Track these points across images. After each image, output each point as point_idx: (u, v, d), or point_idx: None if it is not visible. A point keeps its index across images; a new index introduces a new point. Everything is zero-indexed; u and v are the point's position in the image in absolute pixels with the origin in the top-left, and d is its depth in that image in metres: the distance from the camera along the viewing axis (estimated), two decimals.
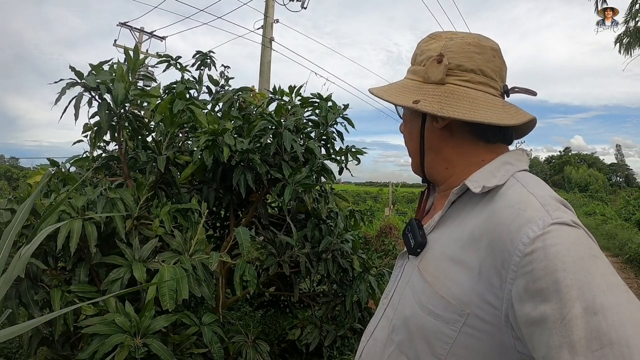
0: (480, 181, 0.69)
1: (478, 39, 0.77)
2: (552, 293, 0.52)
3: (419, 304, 0.69)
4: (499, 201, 0.65)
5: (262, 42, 9.11)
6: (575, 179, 56.96)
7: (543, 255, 0.54)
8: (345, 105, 2.86)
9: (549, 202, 0.61)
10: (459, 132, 0.76)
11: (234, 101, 2.95)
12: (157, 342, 1.72)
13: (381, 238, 7.51)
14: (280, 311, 3.42)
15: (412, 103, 0.73)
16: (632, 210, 16.60)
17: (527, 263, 0.56)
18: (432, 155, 0.79)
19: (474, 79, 0.75)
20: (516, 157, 0.74)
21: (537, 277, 0.54)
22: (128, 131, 2.41)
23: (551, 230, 0.56)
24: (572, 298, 0.51)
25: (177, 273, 1.84)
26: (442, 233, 0.73)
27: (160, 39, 14.42)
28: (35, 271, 1.88)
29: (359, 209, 3.60)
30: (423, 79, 0.77)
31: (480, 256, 0.63)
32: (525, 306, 0.55)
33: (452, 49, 0.75)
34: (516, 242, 0.57)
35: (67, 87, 2.01)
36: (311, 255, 2.67)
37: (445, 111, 0.71)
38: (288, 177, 2.45)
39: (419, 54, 0.80)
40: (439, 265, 0.69)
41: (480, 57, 0.75)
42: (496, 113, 0.72)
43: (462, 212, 0.71)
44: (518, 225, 0.59)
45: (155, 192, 2.32)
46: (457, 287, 0.64)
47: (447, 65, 0.74)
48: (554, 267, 0.53)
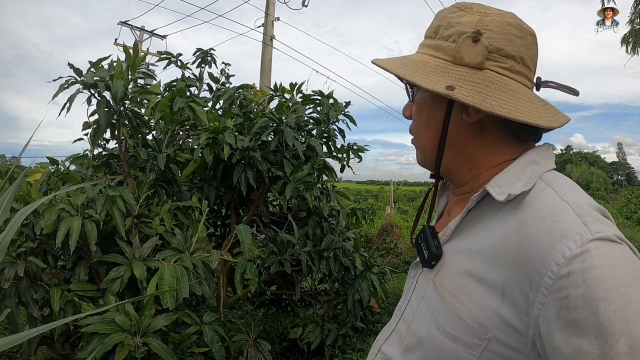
0: (505, 187, 0.59)
1: (518, 19, 0.64)
2: (590, 325, 0.45)
3: (435, 325, 0.62)
4: (527, 210, 0.56)
5: (262, 40, 9.09)
6: (577, 178, 56.92)
7: (581, 279, 0.47)
8: (347, 102, 2.84)
9: (587, 212, 0.53)
10: (492, 128, 0.64)
11: (235, 99, 2.93)
12: (157, 341, 1.71)
13: (382, 236, 7.49)
14: (281, 310, 3.40)
15: (444, 89, 0.59)
16: (633, 209, 16.56)
17: (561, 287, 0.48)
18: (454, 153, 0.67)
19: (514, 68, 0.63)
20: (543, 155, 0.63)
21: (573, 305, 0.47)
22: (128, 129, 2.39)
23: (591, 248, 0.48)
24: (616, 332, 0.44)
25: (177, 271, 1.82)
26: (459, 244, 0.65)
27: (160, 37, 14.41)
28: (34, 270, 1.87)
29: (360, 207, 3.59)
30: (453, 59, 0.63)
31: (505, 275, 0.55)
32: (555, 336, 0.48)
33: (490, 27, 0.62)
34: (548, 261, 0.50)
35: (66, 85, 1.99)
36: (313, 253, 2.65)
37: (489, 105, 0.58)
38: (289, 175, 2.43)
39: (445, 26, 0.65)
40: (456, 282, 0.61)
41: (522, 42, 0.63)
42: (540, 112, 0.62)
43: (482, 220, 0.62)
44: (551, 241, 0.50)
45: (156, 190, 2.31)
46: (478, 308, 0.57)
47: (487, 47, 0.61)
48: (595, 295, 0.46)
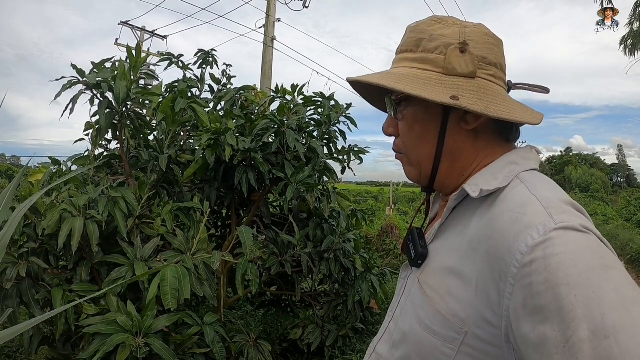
0: (480, 184, 0.62)
1: (489, 29, 0.69)
2: (553, 311, 0.45)
3: (417, 320, 0.64)
4: (499, 205, 0.58)
5: (263, 41, 9.10)
6: (576, 179, 56.89)
7: (543, 266, 0.47)
8: (348, 104, 2.85)
9: (554, 204, 0.53)
10: (485, 133, 0.67)
11: (236, 100, 2.93)
12: (159, 342, 1.71)
13: (382, 238, 7.49)
14: (281, 311, 3.41)
15: (450, 99, 0.60)
16: (633, 211, 16.59)
17: (525, 275, 0.49)
18: (449, 162, 0.68)
19: (497, 74, 0.66)
20: (523, 156, 0.65)
21: (535, 292, 0.47)
22: (130, 130, 2.40)
23: (553, 236, 0.49)
24: (577, 317, 0.44)
25: (179, 272, 1.83)
26: (443, 242, 0.67)
27: (161, 38, 14.43)
28: (36, 270, 1.87)
29: (360, 208, 3.59)
30: (444, 70, 0.64)
31: (478, 268, 0.56)
32: (522, 325, 0.49)
33: (473, 38, 0.65)
34: (513, 251, 0.51)
35: (68, 85, 2.00)
36: (313, 254, 2.66)
37: (493, 110, 0.60)
38: (290, 177, 2.44)
39: (428, 39, 0.66)
40: (438, 278, 0.63)
41: (498, 50, 0.67)
42: (526, 112, 0.64)
43: (463, 219, 0.64)
44: (516, 232, 0.52)
45: (157, 191, 2.31)
46: (455, 302, 0.58)
47: (477, 57, 0.64)
48: (556, 281, 0.46)
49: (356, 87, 0.77)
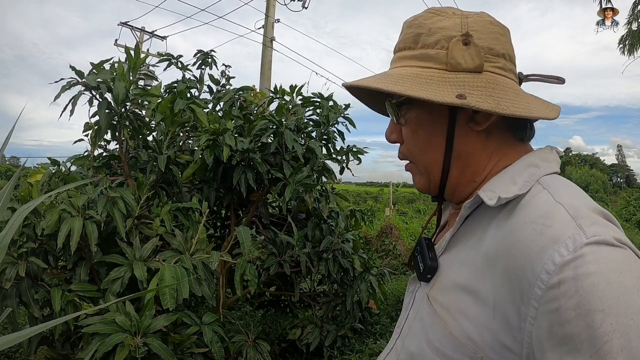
0: (497, 190, 0.55)
1: (493, 18, 0.62)
2: (584, 342, 0.40)
3: (426, 341, 0.58)
4: (519, 215, 0.51)
5: (263, 42, 9.11)
6: (576, 180, 56.94)
7: (574, 288, 0.41)
8: (347, 104, 2.86)
9: (584, 214, 0.47)
10: (498, 132, 0.60)
11: (235, 100, 2.94)
12: (158, 342, 1.72)
13: (382, 238, 7.50)
14: (280, 311, 3.41)
15: (455, 98, 0.53)
16: (632, 211, 16.58)
17: (552, 299, 0.43)
18: (460, 167, 0.61)
19: (506, 66, 0.59)
20: (543, 157, 0.58)
21: (565, 319, 0.41)
22: (129, 130, 2.40)
23: (585, 253, 0.42)
24: (613, 350, 0.38)
25: (177, 272, 1.84)
26: (454, 255, 0.60)
27: (161, 38, 14.44)
28: (35, 270, 1.88)
29: (359, 208, 3.60)
30: (448, 67, 0.57)
31: (496, 286, 0.50)
32: (547, 356, 0.43)
33: (476, 28, 0.58)
34: (538, 269, 0.44)
35: (68, 86, 2.00)
36: (312, 254, 2.66)
37: (504, 107, 0.53)
38: (289, 177, 2.45)
39: (426, 33, 0.59)
40: (449, 295, 0.57)
41: (505, 39, 0.60)
42: (542, 105, 0.58)
43: (478, 229, 0.57)
44: (540, 247, 0.45)
45: (156, 192, 2.32)
46: (469, 324, 0.52)
47: (483, 48, 0.57)
48: (589, 306, 0.40)
49: (354, 92, 0.72)
